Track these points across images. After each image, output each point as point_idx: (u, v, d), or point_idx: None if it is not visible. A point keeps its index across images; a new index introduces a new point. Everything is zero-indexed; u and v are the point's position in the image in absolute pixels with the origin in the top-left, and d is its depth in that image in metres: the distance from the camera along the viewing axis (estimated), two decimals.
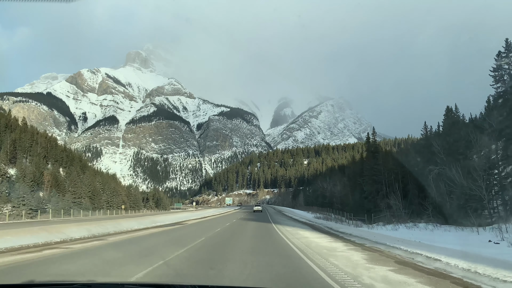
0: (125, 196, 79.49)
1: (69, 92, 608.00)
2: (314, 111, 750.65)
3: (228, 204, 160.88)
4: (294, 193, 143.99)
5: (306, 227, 31.77)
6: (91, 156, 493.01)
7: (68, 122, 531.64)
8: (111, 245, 17.07)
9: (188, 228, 28.40)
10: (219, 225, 31.47)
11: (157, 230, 24.75)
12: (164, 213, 51.30)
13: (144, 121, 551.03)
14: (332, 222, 42.00)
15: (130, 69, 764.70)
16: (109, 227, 22.22)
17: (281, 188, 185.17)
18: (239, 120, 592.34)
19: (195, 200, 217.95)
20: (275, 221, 39.81)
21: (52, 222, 31.00)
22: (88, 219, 41.00)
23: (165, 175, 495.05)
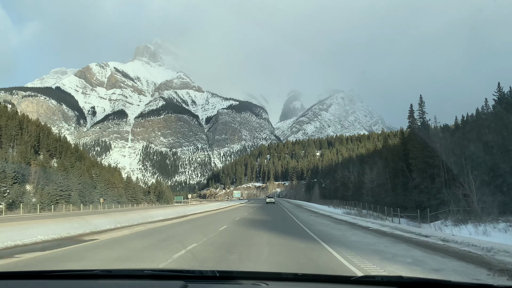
0: (123, 189, 74.04)
1: (78, 86, 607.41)
2: (324, 104, 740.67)
3: (237, 198, 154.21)
4: (308, 186, 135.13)
5: (362, 231, 19.99)
6: (100, 150, 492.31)
7: (77, 117, 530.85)
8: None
9: (174, 229, 21.38)
10: (213, 227, 22.89)
11: (127, 232, 18.23)
12: (161, 207, 45.57)
13: (153, 115, 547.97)
14: (378, 221, 29.47)
15: (139, 63, 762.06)
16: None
17: (292, 181, 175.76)
18: (248, 114, 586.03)
19: (202, 193, 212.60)
20: (306, 222, 26.19)
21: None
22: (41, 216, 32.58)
23: (174, 169, 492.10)
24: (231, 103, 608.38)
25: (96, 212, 38.20)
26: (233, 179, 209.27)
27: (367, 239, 16.30)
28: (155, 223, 23.73)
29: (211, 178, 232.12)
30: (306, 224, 24.51)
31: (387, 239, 16.48)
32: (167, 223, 24.44)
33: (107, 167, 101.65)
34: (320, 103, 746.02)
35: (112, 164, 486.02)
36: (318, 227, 21.99)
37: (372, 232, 19.52)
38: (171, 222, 25.39)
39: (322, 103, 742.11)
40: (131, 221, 23.01)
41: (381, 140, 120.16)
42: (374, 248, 13.25)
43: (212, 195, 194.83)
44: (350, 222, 27.08)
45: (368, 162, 68.48)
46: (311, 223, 25.30)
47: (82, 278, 3.33)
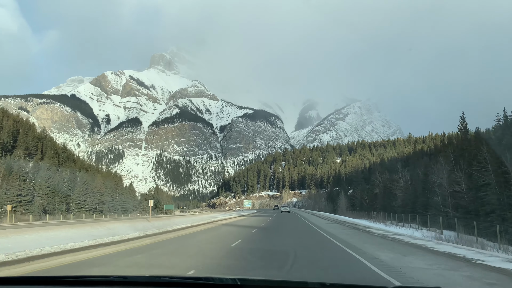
0: (109, 196, 64.05)
1: (93, 94, 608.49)
2: (341, 113, 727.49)
3: (248, 208, 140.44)
4: (330, 195, 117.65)
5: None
6: (113, 158, 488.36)
7: (91, 124, 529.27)
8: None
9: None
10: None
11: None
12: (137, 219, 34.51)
13: (167, 123, 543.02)
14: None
15: (154, 71, 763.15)
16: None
17: (310, 189, 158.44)
18: (263, 122, 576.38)
19: (211, 203, 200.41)
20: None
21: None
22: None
23: (187, 177, 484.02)
24: (246, 111, 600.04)
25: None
26: (245, 187, 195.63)
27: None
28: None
29: (221, 186, 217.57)
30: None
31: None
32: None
33: (105, 172, 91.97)
34: (336, 112, 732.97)
35: (125, 172, 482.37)
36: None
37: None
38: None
39: (339, 112, 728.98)
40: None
41: (410, 145, 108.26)
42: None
43: (221, 205, 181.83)
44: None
45: (416, 163, 56.21)
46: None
47: (97, 285, 3.28)
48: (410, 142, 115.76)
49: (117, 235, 19.49)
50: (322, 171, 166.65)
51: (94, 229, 19.83)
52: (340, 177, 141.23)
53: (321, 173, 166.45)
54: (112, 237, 19.01)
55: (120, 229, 21.54)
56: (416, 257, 13.35)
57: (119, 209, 65.48)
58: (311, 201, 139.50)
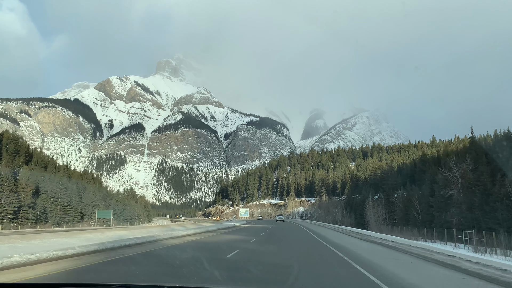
0: (64, 206, 51.43)
1: (96, 99, 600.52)
2: (348, 122, 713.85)
3: (244, 218, 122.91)
4: (349, 203, 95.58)
5: None
6: (115, 164, 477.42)
7: (93, 129, 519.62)
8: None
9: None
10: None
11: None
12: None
13: (171, 129, 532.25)
14: None
15: (160, 77, 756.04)
16: None
17: (321, 197, 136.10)
18: (268, 130, 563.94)
19: (207, 211, 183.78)
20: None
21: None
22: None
23: (190, 185, 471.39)
24: (252, 119, 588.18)
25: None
26: (244, 194, 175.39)
27: None
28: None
29: (218, 193, 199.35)
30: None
31: None
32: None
33: (78, 173, 78.84)
34: (344, 121, 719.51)
35: (126, 179, 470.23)
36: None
37: None
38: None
39: (346, 122, 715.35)
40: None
41: (434, 148, 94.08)
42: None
43: (217, 213, 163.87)
44: None
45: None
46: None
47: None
48: (434, 145, 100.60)
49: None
50: (336, 175, 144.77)
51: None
52: (358, 182, 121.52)
53: (333, 177, 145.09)
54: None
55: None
56: None
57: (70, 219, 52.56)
58: (322, 211, 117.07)
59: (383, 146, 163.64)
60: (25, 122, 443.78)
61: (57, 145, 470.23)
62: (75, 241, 18.63)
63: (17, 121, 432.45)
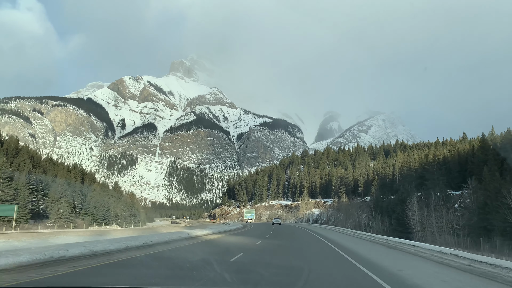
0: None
1: (110, 98, 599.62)
2: (364, 125, 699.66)
3: (250, 220, 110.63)
4: (377, 206, 78.94)
5: None
6: (126, 163, 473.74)
7: (106, 128, 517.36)
8: None
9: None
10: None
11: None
12: None
13: (183, 129, 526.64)
14: None
15: (173, 78, 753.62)
16: None
17: (339, 197, 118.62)
18: (281, 132, 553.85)
19: (213, 212, 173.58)
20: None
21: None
22: None
23: (201, 186, 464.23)
24: (265, 120, 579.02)
25: None
26: (252, 194, 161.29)
27: None
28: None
29: (225, 194, 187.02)
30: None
31: None
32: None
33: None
34: (359, 124, 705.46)
35: (137, 179, 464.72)
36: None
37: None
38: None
39: (361, 124, 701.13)
40: None
41: (465, 144, 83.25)
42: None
43: (223, 215, 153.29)
44: None
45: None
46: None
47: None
48: (465, 142, 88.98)
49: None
50: (358, 173, 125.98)
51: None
52: (385, 180, 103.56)
53: (355, 176, 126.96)
54: None
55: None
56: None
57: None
58: (341, 214, 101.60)
59: (407, 144, 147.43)
60: (37, 121, 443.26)
61: (69, 144, 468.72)
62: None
63: (29, 120, 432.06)
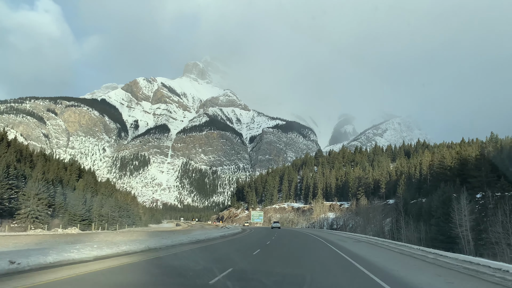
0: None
1: (123, 99, 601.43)
2: (379, 128, 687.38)
3: (257, 224, 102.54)
4: (405, 209, 64.19)
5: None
6: (138, 164, 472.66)
7: (119, 129, 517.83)
8: None
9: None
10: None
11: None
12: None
13: (195, 130, 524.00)
14: None
15: (187, 79, 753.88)
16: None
17: (358, 200, 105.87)
18: (295, 134, 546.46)
19: (221, 215, 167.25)
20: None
21: None
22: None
23: (213, 188, 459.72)
24: (278, 122, 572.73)
25: None
26: (262, 196, 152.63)
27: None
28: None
29: (233, 195, 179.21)
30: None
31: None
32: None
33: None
34: (374, 127, 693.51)
35: (149, 180, 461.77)
36: None
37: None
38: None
39: (377, 128, 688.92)
40: None
41: (491, 143, 75.85)
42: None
43: (231, 217, 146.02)
44: None
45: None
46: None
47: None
48: (492, 141, 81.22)
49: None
50: (378, 173, 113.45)
51: None
52: (411, 180, 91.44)
53: (374, 176, 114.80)
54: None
55: None
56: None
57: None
58: (360, 218, 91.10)
59: (429, 144, 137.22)
60: (51, 121, 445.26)
61: (82, 144, 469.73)
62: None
63: (43, 120, 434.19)
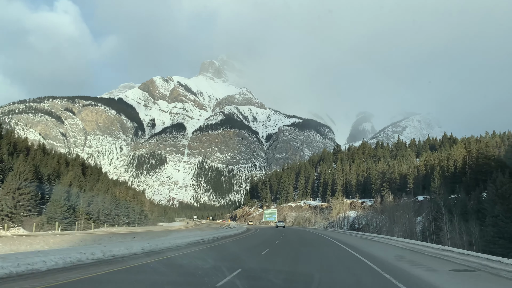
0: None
1: (140, 99, 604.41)
2: (398, 126, 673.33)
3: (271, 223, 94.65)
4: (445, 207, 54.00)
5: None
6: (155, 163, 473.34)
7: (135, 128, 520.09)
8: None
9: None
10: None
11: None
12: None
13: (211, 129, 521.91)
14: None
15: (203, 78, 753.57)
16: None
17: (382, 197, 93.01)
18: (312, 132, 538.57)
19: (234, 214, 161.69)
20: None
21: None
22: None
23: (229, 187, 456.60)
24: (294, 120, 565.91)
25: None
26: (277, 193, 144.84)
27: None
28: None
29: (247, 193, 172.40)
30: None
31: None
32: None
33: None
34: (393, 125, 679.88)
35: (165, 178, 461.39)
36: None
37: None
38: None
39: (396, 125, 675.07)
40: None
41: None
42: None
43: (244, 216, 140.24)
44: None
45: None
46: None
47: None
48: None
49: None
50: (407, 166, 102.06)
51: None
52: (445, 174, 78.02)
53: (401, 170, 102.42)
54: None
55: None
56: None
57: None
58: (386, 217, 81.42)
59: (456, 138, 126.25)
60: (69, 120, 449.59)
61: (99, 143, 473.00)
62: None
63: (61, 119, 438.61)
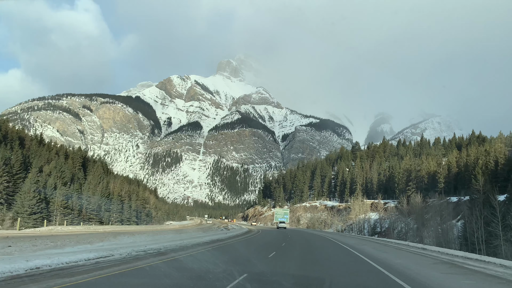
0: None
1: (157, 97, 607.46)
2: (418, 127, 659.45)
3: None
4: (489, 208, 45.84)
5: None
6: (171, 161, 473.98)
7: (152, 126, 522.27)
8: None
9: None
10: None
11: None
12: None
13: (227, 128, 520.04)
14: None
15: (220, 77, 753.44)
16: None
17: (408, 197, 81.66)
18: (329, 133, 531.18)
19: (246, 213, 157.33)
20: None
21: None
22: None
23: (244, 186, 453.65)
24: (311, 120, 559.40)
25: None
26: (291, 192, 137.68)
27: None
28: None
29: (260, 192, 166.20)
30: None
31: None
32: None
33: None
34: (412, 126, 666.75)
35: (181, 177, 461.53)
36: None
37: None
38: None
39: (415, 127, 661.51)
40: None
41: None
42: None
43: (256, 215, 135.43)
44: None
45: None
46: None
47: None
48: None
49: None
50: (436, 163, 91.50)
51: None
52: (493, 169, 68.28)
53: (430, 168, 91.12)
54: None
55: None
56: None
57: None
58: (413, 220, 72.82)
59: (486, 136, 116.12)
60: (86, 117, 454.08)
61: (116, 141, 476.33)
62: None
63: (79, 116, 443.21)
